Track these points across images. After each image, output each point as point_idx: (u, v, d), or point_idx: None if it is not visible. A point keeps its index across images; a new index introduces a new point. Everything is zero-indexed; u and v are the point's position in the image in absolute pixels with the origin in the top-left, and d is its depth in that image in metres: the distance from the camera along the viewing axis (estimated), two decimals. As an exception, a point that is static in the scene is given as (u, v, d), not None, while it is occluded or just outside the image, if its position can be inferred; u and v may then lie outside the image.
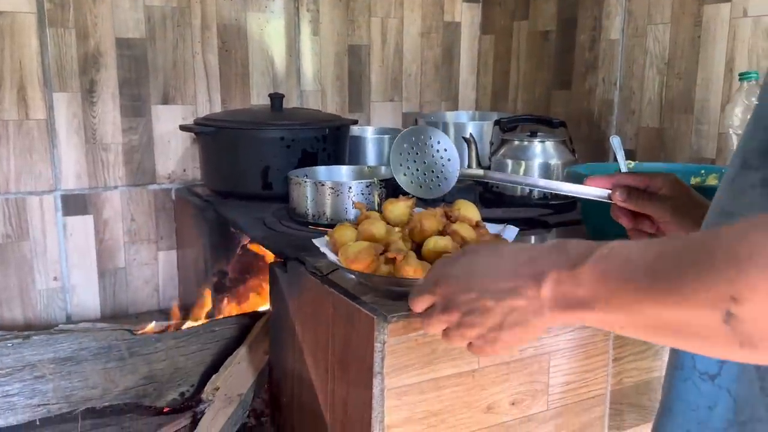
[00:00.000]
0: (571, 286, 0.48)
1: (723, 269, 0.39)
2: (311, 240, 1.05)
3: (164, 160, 1.67)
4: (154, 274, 1.72)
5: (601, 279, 0.47)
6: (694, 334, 0.42)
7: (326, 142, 1.50)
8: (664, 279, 0.42)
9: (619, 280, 0.45)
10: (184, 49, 1.65)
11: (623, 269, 0.45)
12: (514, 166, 1.46)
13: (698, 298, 0.41)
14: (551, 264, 0.50)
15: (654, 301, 0.43)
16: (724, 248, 0.39)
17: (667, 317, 0.43)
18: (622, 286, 0.45)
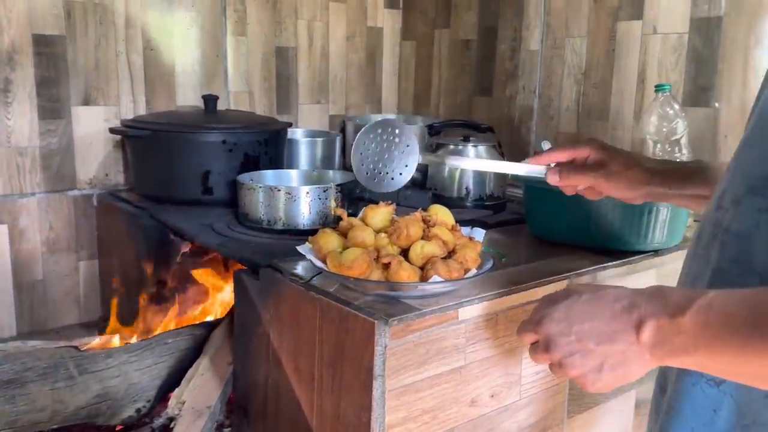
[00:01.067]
0: (671, 335, 0.52)
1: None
2: (273, 246, 1.05)
3: (85, 165, 1.58)
4: (74, 285, 1.62)
5: (703, 330, 0.50)
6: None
7: (267, 145, 1.48)
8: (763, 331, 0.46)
9: (721, 332, 0.49)
10: (107, 47, 1.56)
11: (725, 322, 0.49)
12: (449, 169, 1.52)
13: None
14: (651, 312, 0.53)
15: (755, 351, 0.47)
16: None
17: (755, 369, 0.48)
18: (724, 338, 0.49)
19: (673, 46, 1.46)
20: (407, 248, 0.89)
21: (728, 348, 0.49)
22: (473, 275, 0.87)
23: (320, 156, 1.72)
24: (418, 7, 2.05)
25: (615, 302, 0.57)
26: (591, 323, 0.58)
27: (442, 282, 0.84)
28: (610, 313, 0.56)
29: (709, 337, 0.50)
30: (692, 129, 1.38)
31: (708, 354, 0.50)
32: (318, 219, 1.24)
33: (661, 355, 0.53)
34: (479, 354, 0.90)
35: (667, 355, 0.53)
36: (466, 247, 0.91)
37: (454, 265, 0.86)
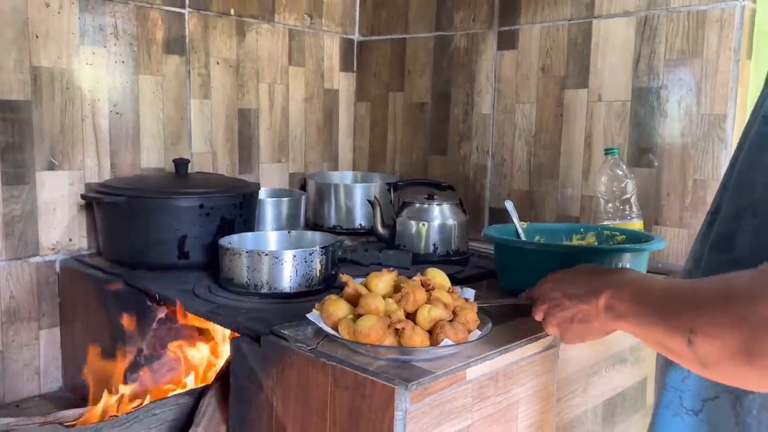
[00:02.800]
0: (616, 301, 0.71)
1: (688, 311, 0.59)
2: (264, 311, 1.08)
3: (48, 230, 1.54)
4: (34, 355, 1.56)
5: (632, 301, 0.68)
6: (672, 352, 0.61)
7: (242, 208, 1.51)
8: (660, 311, 0.63)
9: (641, 304, 0.67)
10: (73, 112, 1.55)
11: (644, 297, 0.67)
12: (417, 226, 1.59)
13: (671, 326, 0.60)
14: (611, 283, 0.73)
15: (653, 325, 0.64)
16: (697, 296, 0.59)
17: (658, 337, 0.63)
18: (642, 310, 0.66)
19: (617, 112, 1.61)
20: (413, 312, 0.94)
21: (642, 318, 0.66)
22: (479, 336, 0.93)
23: (285, 215, 1.75)
24: (372, 71, 2.15)
25: (593, 274, 0.78)
26: (571, 287, 0.79)
27: (453, 345, 0.89)
28: (587, 281, 0.77)
29: (635, 310, 0.67)
30: (638, 188, 1.52)
31: (635, 323, 0.67)
32: (303, 282, 1.27)
33: (610, 317, 0.72)
34: (483, 411, 0.96)
35: (613, 318, 0.71)
36: (465, 308, 0.97)
37: (459, 327, 0.92)
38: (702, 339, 0.56)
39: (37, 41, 1.48)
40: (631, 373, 1.30)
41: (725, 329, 0.53)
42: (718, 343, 0.54)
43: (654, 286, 0.67)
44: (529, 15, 1.75)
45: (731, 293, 0.54)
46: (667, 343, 0.61)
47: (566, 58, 1.70)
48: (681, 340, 0.58)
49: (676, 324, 0.59)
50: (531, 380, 1.04)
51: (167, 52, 1.70)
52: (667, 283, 0.66)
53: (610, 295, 0.72)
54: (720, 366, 0.55)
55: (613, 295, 0.71)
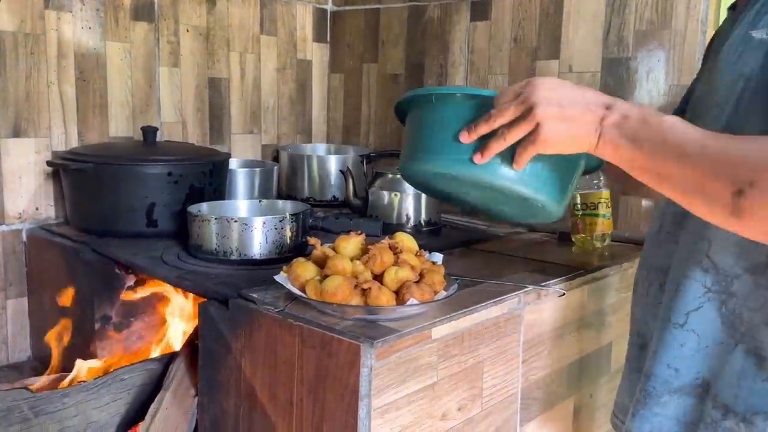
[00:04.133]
0: (632, 122, 0.68)
1: (747, 161, 0.59)
2: (233, 276, 1.08)
3: (14, 199, 1.52)
4: (1, 325, 1.54)
5: (655, 129, 0.66)
6: (699, 195, 0.63)
7: (212, 176, 1.50)
8: (710, 154, 0.62)
9: (670, 135, 0.65)
10: (39, 78, 1.52)
11: (677, 131, 0.65)
12: (390, 196, 1.60)
13: (719, 171, 0.61)
14: (624, 105, 0.70)
15: (686, 164, 0.63)
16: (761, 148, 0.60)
17: (684, 177, 0.63)
18: (669, 141, 0.65)
19: (587, 83, 1.62)
20: (380, 274, 0.95)
21: (668, 154, 0.65)
22: (444, 296, 0.94)
23: (258, 186, 1.74)
24: (346, 41, 2.13)
25: (598, 93, 0.73)
26: (574, 93, 0.72)
27: (418, 304, 0.90)
28: (593, 94, 0.72)
29: (658, 140, 0.66)
30: (607, 158, 1.54)
31: (649, 152, 0.66)
32: (274, 249, 1.27)
33: (615, 135, 0.69)
34: (449, 370, 0.97)
35: (617, 137, 0.68)
36: (432, 271, 0.98)
37: (426, 288, 0.93)
38: (760, 193, 0.57)
39: (0, 4, 1.44)
40: (597, 337, 1.33)
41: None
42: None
43: (688, 127, 0.66)
44: (502, -15, 1.75)
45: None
46: (703, 186, 0.62)
47: (538, 29, 1.70)
48: (728, 187, 0.59)
49: (729, 171, 0.60)
50: (496, 341, 1.06)
51: (135, 18, 1.67)
52: (708, 134, 0.65)
53: (625, 112, 0.69)
54: (761, 221, 0.59)
55: (630, 115, 0.68)
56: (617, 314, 1.35)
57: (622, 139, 0.68)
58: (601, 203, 1.43)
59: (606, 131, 0.69)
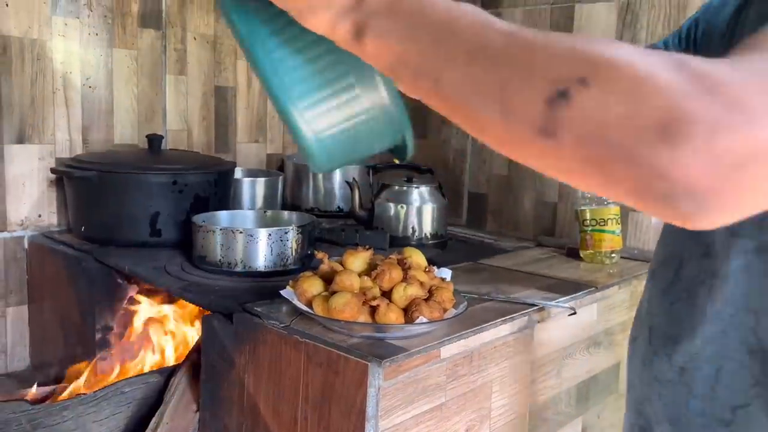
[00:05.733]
0: (407, 9, 0.44)
1: (591, 51, 0.38)
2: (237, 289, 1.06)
3: (17, 205, 1.50)
4: (1, 333, 1.52)
5: (447, 18, 0.43)
6: (497, 105, 0.40)
7: (217, 186, 1.48)
8: (519, 44, 0.40)
9: (468, 31, 0.42)
10: (44, 84, 1.51)
11: (481, 22, 0.42)
12: (396, 208, 1.58)
13: (542, 67, 0.38)
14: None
15: (492, 65, 0.40)
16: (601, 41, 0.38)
17: (483, 76, 0.40)
18: (466, 40, 0.41)
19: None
20: (389, 290, 0.93)
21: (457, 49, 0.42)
22: (454, 315, 0.92)
23: (262, 195, 1.73)
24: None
25: None
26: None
27: (427, 323, 0.88)
28: None
29: (428, 32, 0.43)
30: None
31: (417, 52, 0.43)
32: (279, 261, 1.25)
33: (371, 19, 0.45)
34: (457, 390, 0.95)
35: (375, 25, 0.44)
36: (441, 288, 0.96)
37: (435, 305, 0.91)
38: (597, 92, 0.36)
39: (6, 9, 1.43)
40: (605, 356, 1.30)
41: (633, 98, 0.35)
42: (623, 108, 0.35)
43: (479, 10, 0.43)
44: (512, -2, 1.74)
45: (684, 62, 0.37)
46: (500, 91, 0.39)
47: (548, 43, 1.69)
48: (543, 89, 0.37)
49: (549, 65, 0.38)
50: (505, 360, 1.04)
51: (143, 25, 1.66)
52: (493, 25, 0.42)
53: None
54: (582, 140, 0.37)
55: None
56: (626, 332, 1.33)
57: (387, 31, 0.44)
58: (611, 219, 1.41)
59: (368, 16, 0.45)
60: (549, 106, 0.37)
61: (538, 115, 0.38)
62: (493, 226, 1.85)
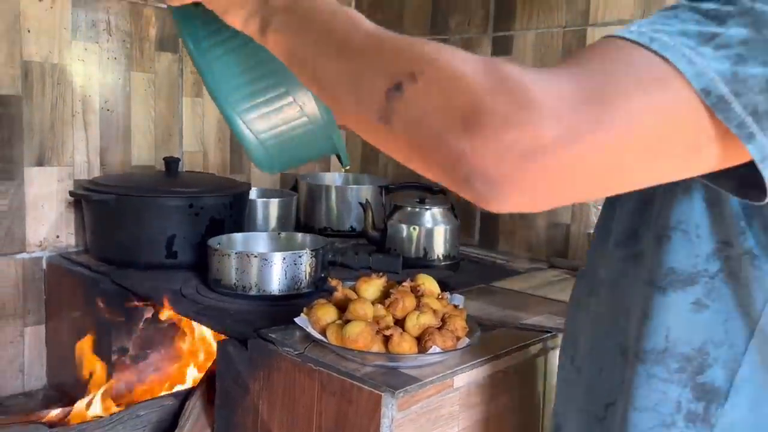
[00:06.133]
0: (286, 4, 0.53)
1: (421, 50, 0.45)
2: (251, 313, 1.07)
3: (36, 227, 1.53)
4: (18, 353, 1.54)
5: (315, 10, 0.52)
6: (353, 91, 0.48)
7: (232, 208, 1.50)
8: (370, 40, 0.49)
9: (328, 22, 0.51)
10: (64, 108, 1.54)
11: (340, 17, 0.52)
12: (408, 230, 1.59)
13: (385, 60, 0.46)
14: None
15: (346, 53, 0.49)
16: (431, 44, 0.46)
17: (345, 66, 0.49)
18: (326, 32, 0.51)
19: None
20: (402, 318, 0.94)
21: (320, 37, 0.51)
22: (467, 344, 0.93)
23: (276, 216, 1.74)
24: (366, 71, 2.14)
25: None
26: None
27: (441, 353, 0.89)
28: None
29: (312, 27, 0.52)
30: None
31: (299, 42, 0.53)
32: (292, 284, 1.26)
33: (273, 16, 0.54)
34: (470, 420, 0.95)
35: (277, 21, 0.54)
36: (454, 316, 0.97)
37: (448, 334, 0.92)
38: (423, 87, 0.43)
39: (28, 35, 1.46)
40: (619, 381, 1.30)
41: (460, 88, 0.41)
42: (439, 100, 0.42)
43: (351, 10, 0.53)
44: (524, 21, 1.75)
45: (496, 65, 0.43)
46: (357, 80, 0.47)
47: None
48: (385, 80, 0.45)
49: (390, 59, 0.46)
50: (519, 388, 1.04)
51: (160, 49, 1.69)
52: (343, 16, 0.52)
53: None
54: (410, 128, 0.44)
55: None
56: (640, 358, 1.32)
57: (285, 26, 0.54)
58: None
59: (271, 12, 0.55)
60: (387, 97, 0.44)
61: (379, 105, 0.45)
62: (506, 246, 1.85)
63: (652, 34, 0.43)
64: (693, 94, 0.42)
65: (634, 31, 0.44)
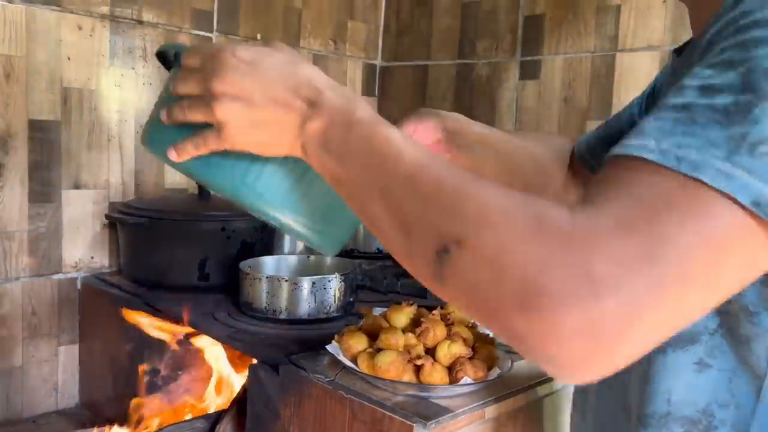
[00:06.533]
0: (338, 130, 0.52)
1: (466, 213, 0.42)
2: (282, 337, 1.08)
3: (71, 248, 1.56)
4: (53, 371, 1.57)
5: (362, 138, 0.51)
6: (406, 244, 0.46)
7: (263, 231, 1.52)
8: (419, 192, 0.46)
9: (381, 167, 0.49)
10: (100, 133, 1.58)
11: (393, 159, 0.48)
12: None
13: (431, 219, 0.44)
14: (334, 106, 0.53)
15: (397, 208, 0.47)
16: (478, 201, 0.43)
17: (395, 216, 0.47)
18: (378, 176, 0.49)
19: (639, 146, 1.61)
20: (432, 347, 0.95)
21: (378, 179, 0.49)
22: (498, 375, 0.93)
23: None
24: (393, 95, 2.16)
25: (307, 83, 0.55)
26: (273, 80, 0.55)
27: (472, 383, 0.89)
28: (299, 78, 0.55)
29: (357, 161, 0.51)
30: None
31: (355, 173, 0.51)
32: (321, 308, 1.27)
33: (310, 144, 0.53)
34: (500, 448, 0.95)
35: (316, 150, 0.53)
36: (485, 344, 0.97)
37: (479, 364, 0.92)
38: (470, 257, 0.41)
39: (68, 63, 1.51)
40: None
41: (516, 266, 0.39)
42: (489, 275, 0.40)
43: (406, 145, 0.49)
44: (552, 46, 1.76)
45: (546, 229, 0.40)
46: (407, 234, 0.46)
47: (589, 90, 1.70)
48: (433, 242, 0.43)
49: (436, 218, 0.44)
50: (552, 418, 1.03)
51: (194, 74, 1.72)
52: (426, 155, 0.49)
53: (331, 115, 0.53)
54: (462, 292, 0.43)
55: (335, 119, 0.52)
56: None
57: (326, 153, 0.52)
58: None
59: (308, 140, 0.53)
60: (437, 258, 0.43)
61: (430, 264, 0.44)
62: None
63: (678, 152, 0.40)
64: (741, 211, 0.39)
65: (655, 150, 0.40)
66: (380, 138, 0.50)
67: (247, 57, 0.55)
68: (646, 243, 0.38)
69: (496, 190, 0.43)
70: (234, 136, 0.56)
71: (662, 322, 0.40)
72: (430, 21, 2.05)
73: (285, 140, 0.55)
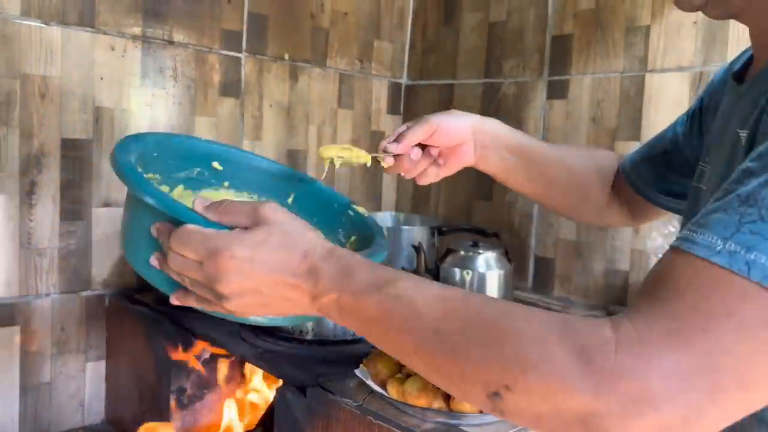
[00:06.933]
0: (351, 309, 0.53)
1: (505, 359, 0.44)
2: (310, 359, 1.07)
3: (100, 265, 1.58)
4: (80, 387, 1.58)
5: (383, 317, 0.52)
6: (458, 389, 0.49)
7: (289, 251, 1.52)
8: (449, 345, 0.47)
9: (403, 329, 0.50)
10: (131, 150, 1.60)
11: (411, 318, 0.50)
12: (461, 274, 1.58)
13: (473, 374, 0.46)
14: (334, 287, 0.54)
15: (434, 362, 0.49)
16: (512, 343, 0.45)
17: (439, 375, 0.49)
18: (404, 337, 0.50)
19: (669, 167, 1.59)
20: (462, 374, 0.93)
21: (408, 345, 0.51)
22: (529, 403, 0.91)
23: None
24: (419, 115, 2.16)
25: (303, 260, 0.56)
26: (276, 270, 0.56)
27: (503, 411, 0.88)
28: (296, 265, 0.56)
29: (377, 326, 0.53)
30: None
31: (368, 334, 0.54)
32: (347, 329, 1.27)
33: (327, 314, 0.56)
34: (532, 479, 0.93)
35: (333, 316, 0.56)
36: (515, 372, 0.95)
37: (510, 392, 0.91)
38: (521, 394, 0.44)
39: (101, 83, 1.53)
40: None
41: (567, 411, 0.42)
42: (546, 408, 0.43)
43: (421, 301, 0.50)
44: (581, 66, 1.75)
45: (589, 360, 0.41)
46: (456, 384, 0.49)
47: (618, 110, 1.68)
48: (482, 390, 0.46)
49: (478, 373, 0.46)
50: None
51: (223, 94, 1.75)
52: (435, 298, 0.50)
53: (335, 302, 0.54)
54: (524, 417, 0.45)
55: (341, 304, 0.54)
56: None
57: (344, 320, 0.55)
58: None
59: (323, 311, 0.56)
60: (491, 400, 0.45)
61: (487, 403, 0.46)
62: (561, 291, 1.83)
63: (747, 256, 0.38)
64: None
65: (722, 251, 0.39)
66: (390, 299, 0.51)
67: (246, 254, 0.56)
68: (703, 355, 0.38)
69: (525, 320, 0.45)
70: (244, 314, 0.60)
71: (725, 419, 0.40)
72: (457, 40, 2.06)
73: (297, 311, 0.58)
